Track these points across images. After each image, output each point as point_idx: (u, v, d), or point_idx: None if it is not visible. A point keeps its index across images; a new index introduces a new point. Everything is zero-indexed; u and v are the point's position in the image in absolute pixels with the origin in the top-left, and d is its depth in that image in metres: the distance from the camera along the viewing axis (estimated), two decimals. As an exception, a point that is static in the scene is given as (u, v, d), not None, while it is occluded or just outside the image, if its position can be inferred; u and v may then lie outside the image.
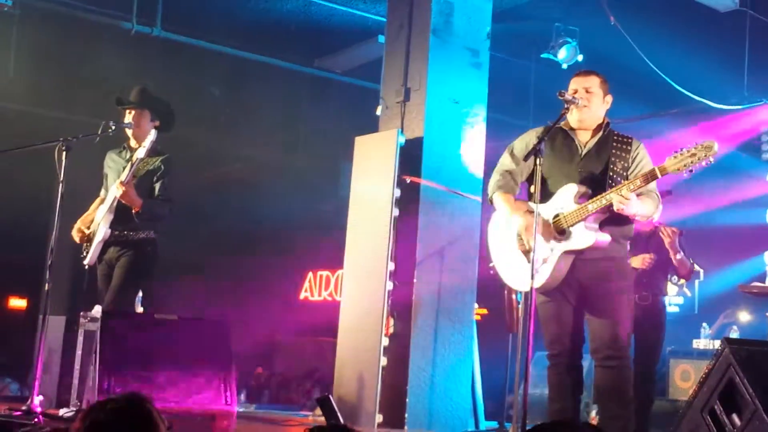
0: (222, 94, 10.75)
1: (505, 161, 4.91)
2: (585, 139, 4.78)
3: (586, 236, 4.56)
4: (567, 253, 4.59)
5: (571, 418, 4.61)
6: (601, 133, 4.77)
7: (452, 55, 6.94)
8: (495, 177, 4.91)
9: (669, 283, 6.77)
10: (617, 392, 4.60)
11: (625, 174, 4.65)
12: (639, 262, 6.41)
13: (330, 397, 6.02)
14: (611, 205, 4.50)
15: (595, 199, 4.54)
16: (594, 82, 4.78)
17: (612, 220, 4.62)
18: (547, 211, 4.65)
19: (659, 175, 4.44)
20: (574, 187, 4.62)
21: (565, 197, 4.63)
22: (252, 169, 11.63)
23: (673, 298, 8.51)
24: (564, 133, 4.79)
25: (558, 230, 4.61)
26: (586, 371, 4.91)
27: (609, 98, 4.83)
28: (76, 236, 6.09)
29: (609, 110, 4.91)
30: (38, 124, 9.04)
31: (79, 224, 6.12)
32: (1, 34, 9.15)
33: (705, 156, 4.33)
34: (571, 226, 4.57)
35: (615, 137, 4.75)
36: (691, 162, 4.35)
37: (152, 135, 5.77)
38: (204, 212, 11.15)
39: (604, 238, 4.59)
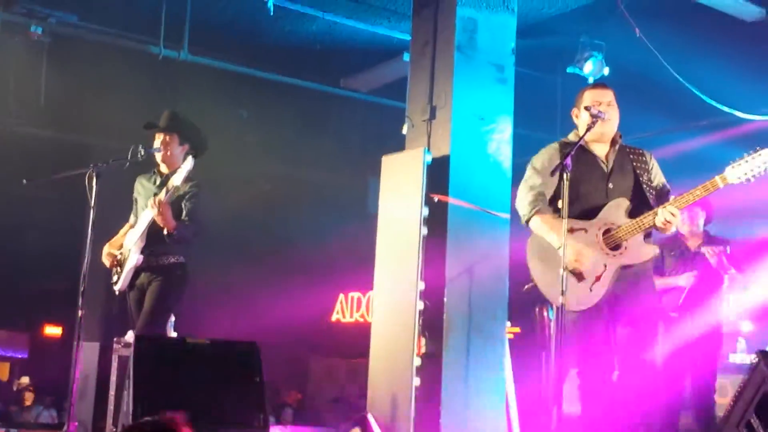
0: (249, 116, 10.82)
1: (533, 179, 4.86)
2: (602, 153, 4.78)
3: (645, 249, 4.58)
4: (622, 268, 4.56)
5: None
6: (617, 146, 4.79)
7: (477, 72, 6.93)
8: (528, 197, 4.83)
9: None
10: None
11: (651, 185, 4.66)
12: (684, 280, 6.37)
13: (368, 416, 6.03)
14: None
15: (650, 213, 4.53)
16: (612, 95, 4.84)
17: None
18: (593, 227, 4.62)
19: (721, 185, 4.41)
20: (624, 201, 4.62)
21: (616, 212, 4.60)
22: (280, 190, 11.70)
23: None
24: (580, 148, 4.76)
25: (610, 246, 4.57)
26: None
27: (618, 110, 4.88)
28: (106, 261, 6.13)
29: (639, 123, 4.94)
30: (69, 151, 9.16)
31: (108, 248, 6.15)
32: (33, 62, 9.29)
33: (764, 163, 4.31)
34: (627, 240, 4.55)
35: (629, 150, 4.79)
36: (751, 170, 4.32)
37: (189, 163, 5.73)
38: (233, 234, 11.21)
39: (655, 251, 4.65)
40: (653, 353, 4.60)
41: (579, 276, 4.54)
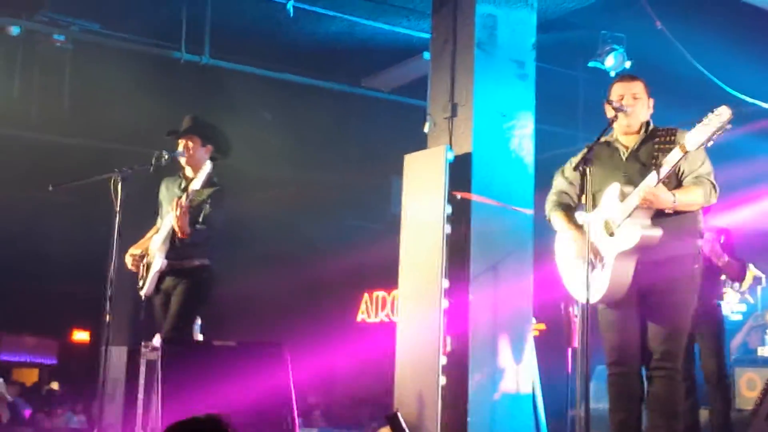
0: (272, 119, 10.87)
1: (558, 183, 4.97)
2: (628, 144, 4.75)
3: (631, 233, 4.45)
4: (622, 255, 4.49)
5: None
6: (643, 133, 4.74)
7: (498, 68, 6.91)
8: (551, 198, 4.96)
9: (730, 290, 6.65)
10: (662, 403, 4.51)
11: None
12: None
13: (398, 414, 6.03)
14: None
15: (633, 194, 4.46)
16: (639, 87, 4.79)
17: (670, 214, 4.50)
18: (597, 218, 4.62)
19: (682, 153, 4.33)
20: (616, 186, 4.57)
21: (610, 199, 4.58)
22: (304, 192, 11.73)
23: (736, 305, 8.31)
24: (606, 143, 4.77)
25: (609, 233, 4.56)
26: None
27: (651, 101, 4.83)
28: (129, 261, 6.15)
29: (661, 115, 4.89)
30: (94, 157, 9.21)
31: (131, 250, 6.18)
32: (56, 70, 9.37)
33: (720, 123, 4.25)
34: (618, 226, 4.51)
35: (659, 132, 4.70)
36: (708, 131, 4.26)
37: (207, 167, 5.77)
38: (258, 236, 11.25)
39: (653, 232, 4.46)
40: (674, 352, 4.54)
41: (591, 267, 4.54)
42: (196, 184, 5.77)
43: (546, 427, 6.75)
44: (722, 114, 4.26)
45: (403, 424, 5.86)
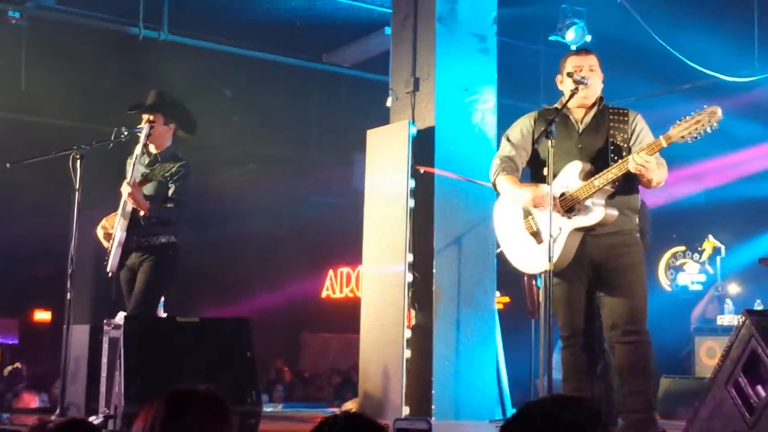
0: (233, 95, 10.78)
1: (504, 148, 4.95)
2: (580, 116, 4.81)
3: (594, 212, 4.57)
4: (576, 230, 4.59)
5: (559, 393, 4.59)
6: (596, 108, 4.80)
7: (459, 43, 6.92)
8: (496, 162, 4.95)
9: (690, 261, 6.73)
10: (638, 367, 4.59)
11: (626, 146, 4.67)
12: None
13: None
14: (617, 179, 4.50)
15: (600, 174, 4.55)
16: (594, 60, 4.86)
17: (617, 192, 4.62)
18: (552, 190, 4.66)
19: (664, 144, 4.44)
20: (578, 164, 4.64)
21: (570, 175, 4.64)
22: (266, 168, 11.67)
23: (696, 275, 8.44)
24: (555, 110, 4.81)
25: (565, 208, 4.61)
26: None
27: (602, 75, 4.88)
28: (100, 233, 6.07)
29: (622, 88, 4.92)
30: (52, 135, 9.09)
31: (104, 221, 6.10)
32: (12, 47, 9.22)
33: (709, 121, 4.32)
34: (579, 203, 4.57)
35: (611, 111, 4.79)
36: (695, 129, 4.34)
37: (146, 129, 5.75)
38: (221, 214, 11.19)
39: (613, 212, 4.60)
40: (639, 313, 4.61)
41: (537, 238, 4.60)
42: (137, 150, 5.71)
43: (509, 398, 6.82)
44: (713, 113, 4.32)
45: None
